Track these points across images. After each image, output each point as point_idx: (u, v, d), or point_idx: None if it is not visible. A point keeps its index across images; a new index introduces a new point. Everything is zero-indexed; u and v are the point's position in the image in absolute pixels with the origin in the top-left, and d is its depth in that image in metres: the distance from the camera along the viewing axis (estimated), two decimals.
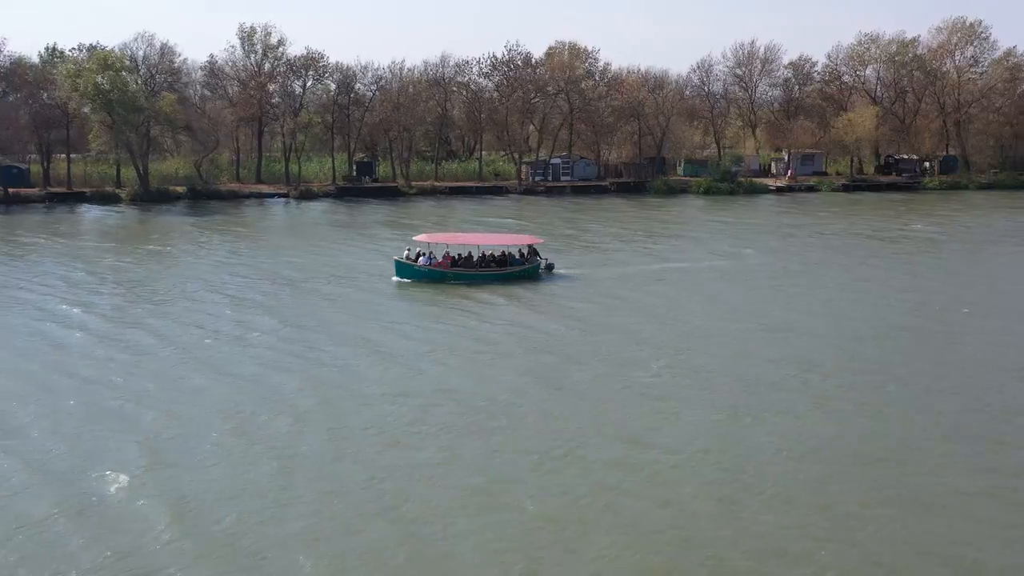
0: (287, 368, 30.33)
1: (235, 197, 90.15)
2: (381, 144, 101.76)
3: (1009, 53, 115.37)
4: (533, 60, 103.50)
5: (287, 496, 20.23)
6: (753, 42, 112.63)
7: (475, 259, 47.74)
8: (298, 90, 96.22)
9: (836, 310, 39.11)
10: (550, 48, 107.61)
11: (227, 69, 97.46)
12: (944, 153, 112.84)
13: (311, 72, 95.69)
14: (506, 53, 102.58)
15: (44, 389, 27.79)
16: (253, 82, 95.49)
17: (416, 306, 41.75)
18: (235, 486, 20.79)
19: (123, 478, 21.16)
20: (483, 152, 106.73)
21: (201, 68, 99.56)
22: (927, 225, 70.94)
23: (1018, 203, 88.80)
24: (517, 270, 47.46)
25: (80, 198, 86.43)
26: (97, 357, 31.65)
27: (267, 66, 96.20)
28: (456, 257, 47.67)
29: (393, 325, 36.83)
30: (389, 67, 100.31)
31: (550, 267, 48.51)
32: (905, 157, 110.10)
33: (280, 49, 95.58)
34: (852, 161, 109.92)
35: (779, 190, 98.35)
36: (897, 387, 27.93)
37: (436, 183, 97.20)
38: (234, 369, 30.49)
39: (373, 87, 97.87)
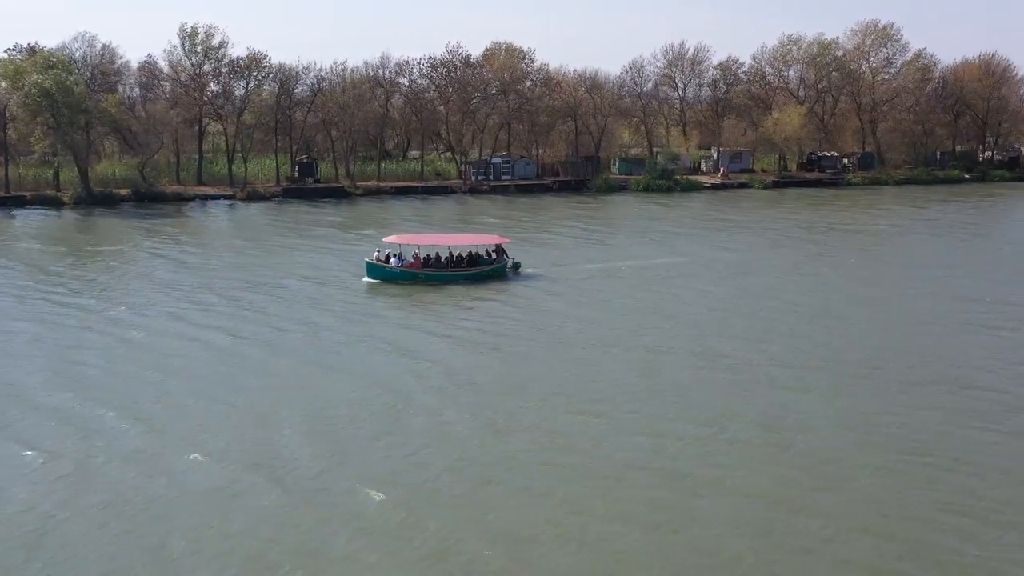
0: (276, 373, 30.50)
1: (180, 199, 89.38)
2: (322, 145, 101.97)
3: (919, 55, 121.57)
4: (472, 60, 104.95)
5: None
6: (683, 43, 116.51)
7: (444, 259, 48.44)
8: (240, 91, 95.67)
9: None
10: (487, 49, 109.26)
11: (167, 70, 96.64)
12: (862, 150, 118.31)
13: (253, 73, 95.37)
14: (447, 54, 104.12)
15: None
16: (194, 83, 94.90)
17: (391, 307, 42.13)
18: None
19: None
20: (423, 153, 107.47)
21: (139, 68, 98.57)
22: (878, 219, 75.23)
23: (948, 197, 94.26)
24: (486, 270, 48.33)
25: (19, 202, 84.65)
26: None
27: (208, 67, 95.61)
28: (427, 257, 48.28)
29: (376, 326, 37.25)
30: (331, 68, 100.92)
31: (516, 266, 49.48)
32: (827, 154, 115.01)
33: (222, 50, 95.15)
34: (779, 159, 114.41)
35: (714, 187, 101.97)
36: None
37: (381, 183, 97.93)
38: (210, 371, 30.90)
39: (315, 88, 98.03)
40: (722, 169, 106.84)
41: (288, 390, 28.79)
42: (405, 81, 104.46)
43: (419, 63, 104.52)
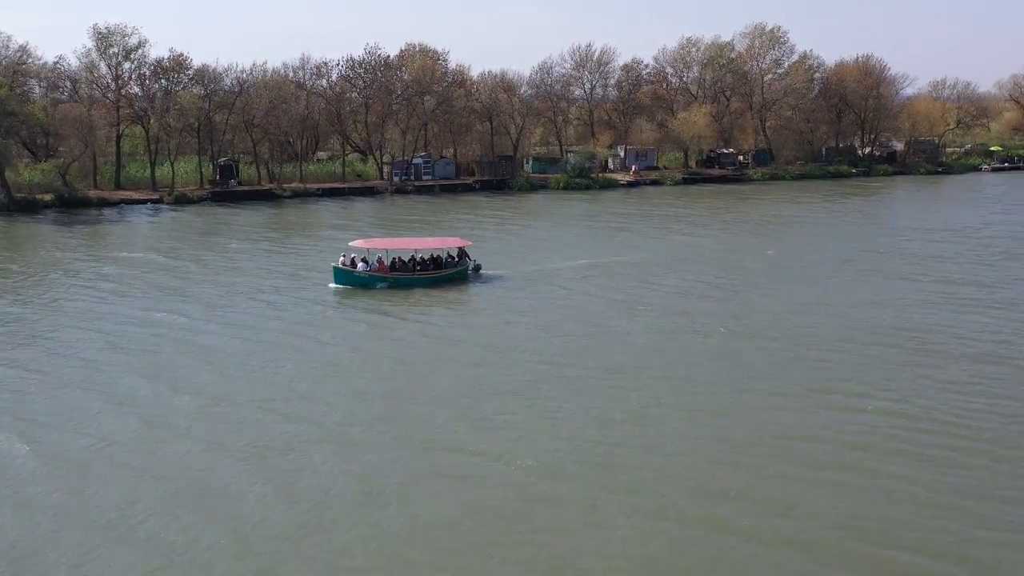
0: (259, 393, 30.01)
1: (106, 204, 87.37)
2: (240, 147, 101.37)
3: (805, 56, 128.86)
4: (389, 61, 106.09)
5: None
6: (590, 45, 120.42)
7: (409, 262, 48.79)
8: (161, 93, 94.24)
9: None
10: (402, 50, 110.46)
11: (83, 73, 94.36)
12: (754, 148, 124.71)
13: (174, 74, 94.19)
14: (365, 55, 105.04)
15: None
16: (113, 85, 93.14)
17: (365, 313, 42.39)
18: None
19: None
20: (345, 153, 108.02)
21: (51, 69, 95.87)
22: (801, 210, 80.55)
23: (846, 189, 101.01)
24: (451, 272, 48.95)
25: None
26: None
27: (127, 67, 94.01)
28: (393, 261, 48.71)
29: (357, 333, 38.01)
30: (251, 69, 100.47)
31: (477, 268, 50.45)
32: (725, 152, 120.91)
33: (140, 51, 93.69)
34: (685, 156, 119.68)
35: (628, 185, 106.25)
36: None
37: (306, 185, 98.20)
38: (194, 379, 31.16)
39: (235, 89, 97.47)
40: (633, 167, 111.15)
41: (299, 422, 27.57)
42: (325, 83, 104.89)
43: (338, 64, 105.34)
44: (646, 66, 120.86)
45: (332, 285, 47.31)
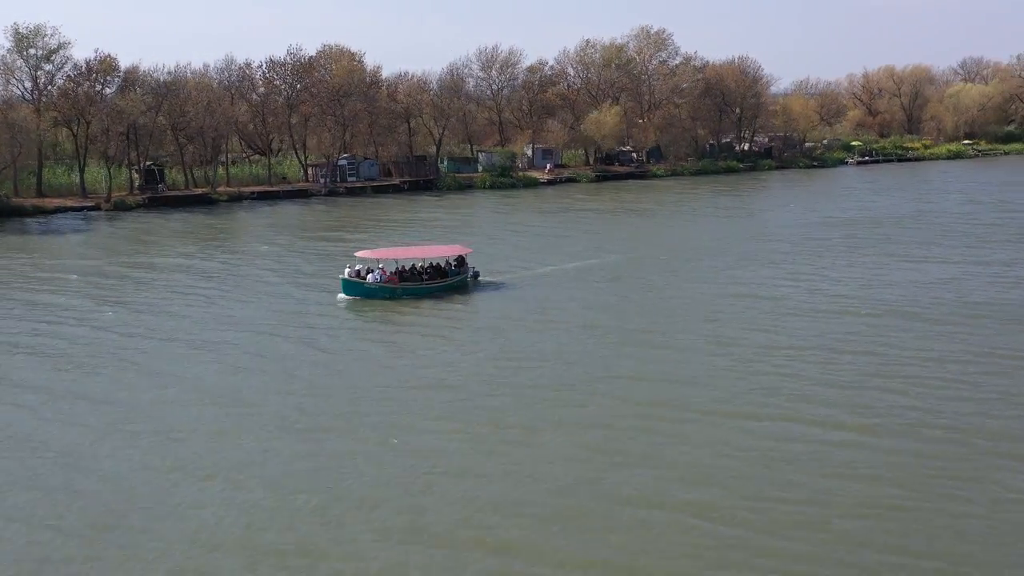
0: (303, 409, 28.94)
1: (40, 212, 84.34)
2: (167, 150, 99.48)
3: (690, 58, 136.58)
4: (312, 63, 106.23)
5: None
6: (496, 47, 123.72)
7: (414, 272, 48.13)
8: (94, 95, 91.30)
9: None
10: (320, 51, 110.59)
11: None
12: (647, 146, 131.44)
13: (102, 76, 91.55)
14: (288, 57, 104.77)
15: None
16: (31, 87, 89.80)
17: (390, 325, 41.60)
18: None
19: None
20: (270, 156, 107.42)
21: None
22: (734, 198, 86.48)
23: (742, 183, 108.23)
24: (455, 281, 48.46)
25: None
26: None
27: (48, 69, 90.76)
28: (401, 271, 47.86)
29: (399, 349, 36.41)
30: (174, 70, 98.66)
31: (476, 275, 49.98)
32: (623, 150, 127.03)
33: (62, 52, 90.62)
34: (589, 154, 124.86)
35: (549, 183, 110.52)
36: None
37: (241, 189, 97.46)
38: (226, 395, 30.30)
39: (161, 91, 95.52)
40: (548, 166, 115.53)
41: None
42: (250, 85, 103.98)
43: (260, 66, 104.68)
44: (551, 67, 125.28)
45: (341, 296, 46.05)
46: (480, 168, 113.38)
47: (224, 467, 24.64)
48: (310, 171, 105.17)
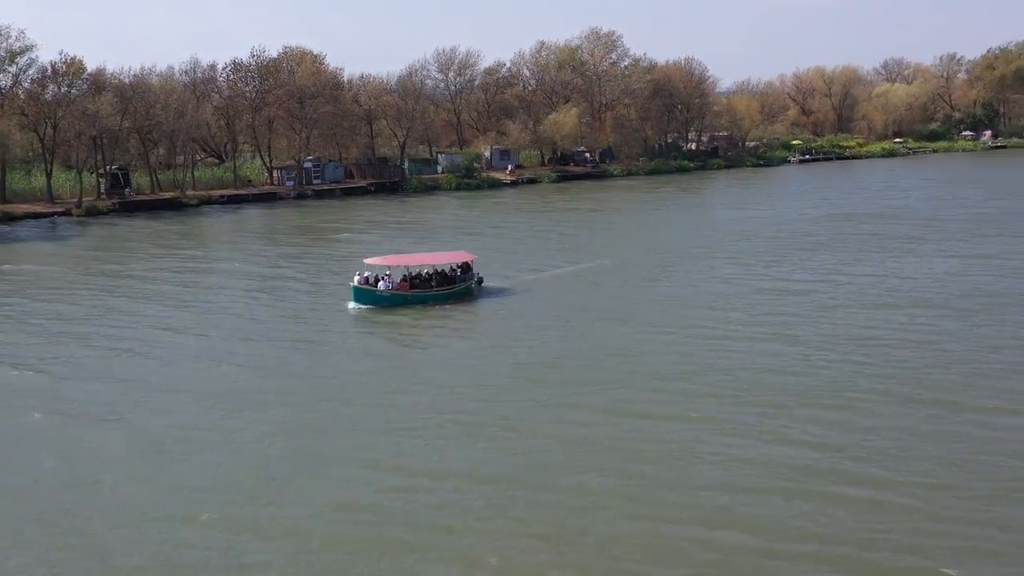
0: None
1: (9, 218, 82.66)
2: (133, 153, 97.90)
3: (639, 59, 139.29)
4: (277, 63, 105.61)
5: None
6: (454, 48, 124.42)
7: (423, 278, 47.95)
8: (62, 98, 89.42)
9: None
10: (281, 54, 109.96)
11: None
12: (601, 147, 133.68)
13: (69, 79, 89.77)
14: (252, 60, 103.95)
15: None
16: None
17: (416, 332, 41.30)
18: None
19: None
20: (235, 159, 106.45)
21: None
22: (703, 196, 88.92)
23: (696, 181, 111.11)
24: (463, 287, 48.38)
25: None
26: None
27: (12, 71, 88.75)
28: (411, 278, 47.64)
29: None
30: (140, 72, 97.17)
31: (480, 281, 49.80)
32: (578, 150, 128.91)
33: (27, 55, 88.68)
34: (542, 155, 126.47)
35: (512, 184, 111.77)
36: None
37: (210, 192, 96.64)
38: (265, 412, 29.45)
39: (128, 94, 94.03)
40: (509, 167, 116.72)
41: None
42: (215, 87, 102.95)
43: (224, 68, 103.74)
44: (508, 69, 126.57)
45: (351, 304, 45.59)
46: (440, 169, 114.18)
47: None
48: (275, 174, 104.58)
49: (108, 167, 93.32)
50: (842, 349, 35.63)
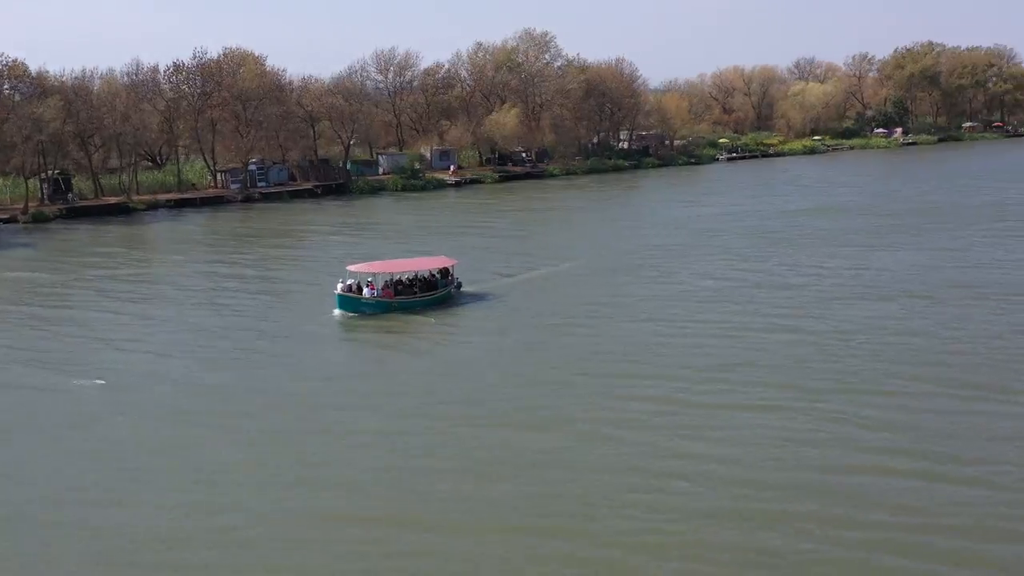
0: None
1: None
2: (74, 157, 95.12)
3: (572, 60, 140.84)
4: (217, 65, 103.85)
5: None
6: (393, 49, 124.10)
7: (405, 284, 48.12)
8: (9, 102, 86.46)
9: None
10: (223, 55, 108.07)
11: None
12: (537, 147, 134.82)
13: (12, 83, 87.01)
14: (193, 61, 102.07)
15: None
16: None
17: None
18: None
19: None
20: (179, 162, 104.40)
21: None
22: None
23: (637, 179, 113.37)
24: (444, 292, 48.51)
25: None
26: None
27: None
28: (395, 284, 47.79)
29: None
30: (81, 74, 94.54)
31: (459, 286, 50.03)
32: (516, 150, 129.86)
33: None
34: (480, 155, 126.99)
35: (456, 184, 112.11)
36: None
37: (157, 196, 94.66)
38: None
39: (71, 95, 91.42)
40: (452, 168, 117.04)
41: None
42: (157, 90, 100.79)
43: (165, 70, 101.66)
44: (447, 70, 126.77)
45: (336, 312, 45.25)
46: (381, 171, 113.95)
47: None
48: (219, 177, 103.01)
49: (49, 172, 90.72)
50: (858, 341, 37.31)
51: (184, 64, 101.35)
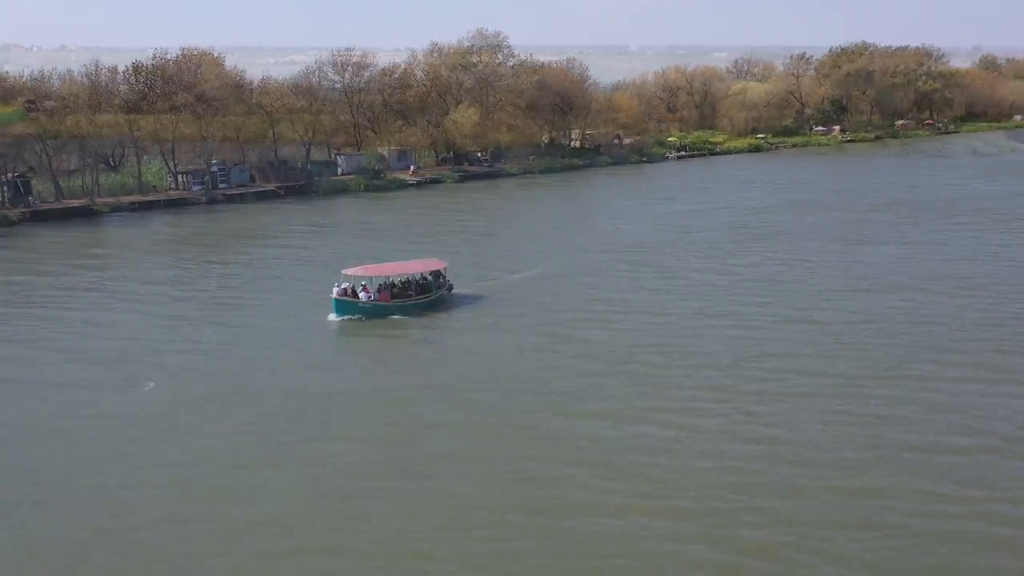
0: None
1: None
2: (32, 159, 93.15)
3: (525, 60, 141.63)
4: (176, 65, 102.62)
5: None
6: (350, 48, 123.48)
7: (399, 287, 48.87)
8: None
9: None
10: (180, 55, 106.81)
11: None
12: (492, 146, 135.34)
13: None
14: (153, 61, 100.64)
15: None
16: None
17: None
18: None
19: None
20: (140, 164, 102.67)
21: None
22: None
23: (597, 177, 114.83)
24: (438, 295, 49.45)
25: None
26: None
27: None
28: (391, 287, 48.56)
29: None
30: (40, 74, 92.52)
31: (450, 288, 50.97)
32: (471, 150, 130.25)
33: None
34: (436, 155, 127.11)
35: (417, 184, 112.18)
36: None
37: (120, 199, 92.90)
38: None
39: (31, 95, 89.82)
40: (412, 168, 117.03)
41: None
42: (117, 90, 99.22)
43: (124, 71, 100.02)
44: (404, 70, 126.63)
45: (333, 316, 45.74)
46: (339, 171, 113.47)
47: None
48: (179, 178, 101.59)
49: (8, 175, 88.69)
50: (865, 331, 39.00)
51: (144, 65, 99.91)
